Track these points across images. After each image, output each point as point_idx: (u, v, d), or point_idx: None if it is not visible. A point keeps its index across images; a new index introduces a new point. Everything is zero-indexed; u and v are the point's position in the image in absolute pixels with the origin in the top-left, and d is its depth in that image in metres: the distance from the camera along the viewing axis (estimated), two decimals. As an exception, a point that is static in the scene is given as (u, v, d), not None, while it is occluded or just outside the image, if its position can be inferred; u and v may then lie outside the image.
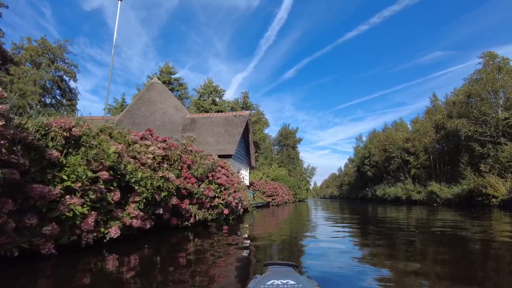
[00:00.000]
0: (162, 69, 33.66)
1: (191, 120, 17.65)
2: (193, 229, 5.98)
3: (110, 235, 3.80)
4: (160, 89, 19.33)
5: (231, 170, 9.23)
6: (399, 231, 6.23)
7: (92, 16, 77.34)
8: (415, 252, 3.95)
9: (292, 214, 12.52)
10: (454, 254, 3.85)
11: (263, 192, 20.66)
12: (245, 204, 10.43)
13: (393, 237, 5.29)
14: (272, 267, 1.57)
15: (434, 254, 3.78)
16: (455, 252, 4.00)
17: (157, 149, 5.23)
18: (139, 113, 17.11)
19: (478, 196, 19.01)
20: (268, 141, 49.08)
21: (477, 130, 21.69)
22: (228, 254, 3.72)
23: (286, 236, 5.50)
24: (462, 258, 3.55)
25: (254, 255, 3.67)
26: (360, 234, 5.84)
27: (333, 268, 2.85)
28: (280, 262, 1.60)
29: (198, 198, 5.96)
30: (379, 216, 11.02)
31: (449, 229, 6.70)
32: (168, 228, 5.68)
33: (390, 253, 3.87)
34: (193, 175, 6.04)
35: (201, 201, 6.12)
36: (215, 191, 7.63)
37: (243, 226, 7.45)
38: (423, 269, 2.91)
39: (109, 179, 3.87)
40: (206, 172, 6.29)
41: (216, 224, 7.33)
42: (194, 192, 5.84)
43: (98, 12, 75.29)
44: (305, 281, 1.25)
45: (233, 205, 7.93)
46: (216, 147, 15.44)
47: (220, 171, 8.04)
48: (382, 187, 40.11)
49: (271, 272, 1.43)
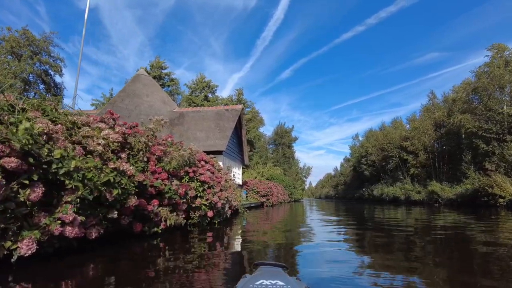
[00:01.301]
0: (153, 64, 32.20)
1: (179, 114, 16.39)
2: (167, 236, 4.76)
3: (19, 252, 2.57)
4: (146, 81, 18.03)
5: (217, 165, 8.01)
6: (409, 237, 5.07)
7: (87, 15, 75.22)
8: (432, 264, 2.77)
9: (288, 216, 11.33)
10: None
11: (257, 191, 19.45)
12: (235, 204, 9.23)
13: (404, 246, 4.13)
14: (262, 267, 1.55)
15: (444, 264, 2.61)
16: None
17: (112, 133, 3.99)
18: (122, 106, 15.80)
19: (483, 196, 18.00)
20: (263, 140, 47.90)
21: (481, 126, 20.67)
22: (200, 271, 2.52)
23: (282, 245, 4.29)
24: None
25: (238, 273, 2.47)
26: (363, 241, 4.66)
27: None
28: (270, 263, 1.58)
29: (171, 198, 4.73)
30: (385, 219, 9.87)
31: (461, 231, 5.55)
32: (133, 236, 4.46)
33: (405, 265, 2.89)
34: (164, 170, 4.81)
35: (175, 201, 4.89)
36: (197, 189, 6.43)
37: (230, 231, 6.25)
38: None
39: (22, 169, 2.64)
40: (182, 166, 5.06)
41: (199, 229, 6.13)
42: (164, 190, 4.61)
43: (93, 11, 73.59)
44: (294, 282, 1.23)
45: (218, 206, 6.72)
46: (206, 143, 14.21)
47: (204, 166, 6.82)
48: (379, 187, 39.07)
49: (260, 272, 1.42)
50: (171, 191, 4.62)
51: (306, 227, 7.16)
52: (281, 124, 54.06)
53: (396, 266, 3.07)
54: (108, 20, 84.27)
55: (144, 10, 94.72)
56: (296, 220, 9.39)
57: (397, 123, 41.44)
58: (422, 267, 2.97)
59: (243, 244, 4.49)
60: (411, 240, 4.98)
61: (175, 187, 4.61)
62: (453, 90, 29.23)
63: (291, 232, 6.18)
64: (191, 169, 6.40)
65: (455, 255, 3.75)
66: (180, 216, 4.99)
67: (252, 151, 38.49)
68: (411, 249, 4.08)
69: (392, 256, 3.61)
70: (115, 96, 16.52)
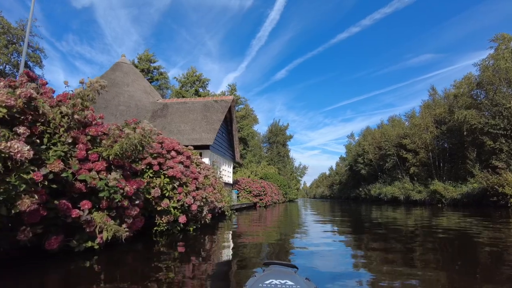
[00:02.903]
0: (141, 56, 30.32)
1: (163, 106, 14.82)
2: (112, 253, 3.24)
3: None
4: (127, 70, 16.40)
5: (196, 158, 6.48)
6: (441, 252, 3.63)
7: (82, 14, 73.50)
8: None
9: (283, 220, 9.85)
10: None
11: (249, 191, 17.94)
12: (220, 206, 7.71)
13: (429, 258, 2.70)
14: (271, 266, 1.53)
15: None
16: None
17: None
18: (99, 96, 14.12)
19: (493, 196, 16.72)
20: (257, 138, 46.34)
21: (488, 122, 19.40)
22: None
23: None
24: None
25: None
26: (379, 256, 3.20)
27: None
28: (280, 262, 1.57)
29: (111, 199, 3.18)
30: (397, 224, 8.46)
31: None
32: (56, 255, 2.93)
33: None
34: (101, 157, 3.27)
35: (121, 204, 3.34)
36: (164, 188, 4.92)
37: (209, 241, 4.73)
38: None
39: None
40: (134, 153, 3.50)
41: (167, 239, 4.65)
42: (98, 187, 3.07)
43: (88, 10, 71.36)
44: (304, 282, 1.22)
45: (193, 209, 5.20)
46: (190, 136, 12.66)
47: (175, 158, 5.30)
48: (377, 186, 37.80)
49: (270, 271, 1.39)
50: (108, 188, 3.07)
51: (307, 235, 5.67)
52: (275, 122, 52.41)
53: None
54: (102, 19, 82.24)
55: (139, 9, 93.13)
56: (292, 225, 7.90)
57: (395, 121, 40.16)
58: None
59: (222, 266, 2.98)
60: (444, 256, 3.52)
61: (113, 182, 3.06)
62: (454, 86, 28.01)
63: (292, 245, 4.68)
64: (155, 160, 4.87)
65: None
66: (128, 224, 3.44)
67: (245, 149, 36.96)
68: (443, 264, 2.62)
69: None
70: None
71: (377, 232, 6.15)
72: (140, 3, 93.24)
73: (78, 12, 72.73)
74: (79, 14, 72.79)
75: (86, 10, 70.54)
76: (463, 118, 20.98)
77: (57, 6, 66.17)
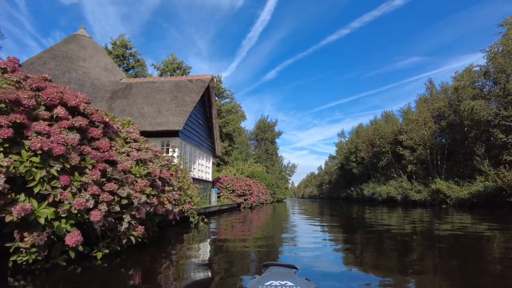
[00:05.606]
0: (115, 41, 27.11)
1: (126, 86, 12.10)
2: None
3: None
4: (84, 43, 13.59)
5: (126, 131, 3.89)
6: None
7: (70, 10, 69.27)
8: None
9: (271, 226, 7.35)
10: None
11: (231, 190, 15.37)
12: (180, 209, 5.12)
13: None
14: (271, 267, 1.51)
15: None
16: None
17: None
18: (44, 71, 11.29)
19: (509, 196, 14.67)
20: (244, 135, 43.73)
21: (499, 113, 17.41)
22: None
23: None
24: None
25: None
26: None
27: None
28: (279, 263, 1.56)
29: None
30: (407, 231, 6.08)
31: None
32: None
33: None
34: None
35: None
36: (29, 172, 2.27)
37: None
38: None
39: None
40: None
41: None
42: None
43: (76, 6, 67.18)
44: (304, 283, 1.20)
45: (94, 219, 2.61)
46: (155, 120, 10.01)
47: (62, 120, 2.69)
48: (370, 186, 35.73)
49: (270, 272, 1.37)
50: None
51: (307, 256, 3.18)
52: (263, 118, 49.83)
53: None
54: (91, 15, 78.05)
55: (129, 7, 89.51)
56: (281, 235, 5.40)
57: (389, 117, 38.21)
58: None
59: None
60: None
61: None
62: (454, 78, 26.11)
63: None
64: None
65: None
66: None
67: (231, 146, 34.33)
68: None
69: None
70: (33, 57, 11.97)
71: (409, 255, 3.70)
72: (130, 1, 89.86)
73: (66, 9, 69.30)
74: (67, 11, 69.27)
75: (75, 6, 66.56)
76: (470, 110, 18.98)
77: (44, 2, 62.39)
